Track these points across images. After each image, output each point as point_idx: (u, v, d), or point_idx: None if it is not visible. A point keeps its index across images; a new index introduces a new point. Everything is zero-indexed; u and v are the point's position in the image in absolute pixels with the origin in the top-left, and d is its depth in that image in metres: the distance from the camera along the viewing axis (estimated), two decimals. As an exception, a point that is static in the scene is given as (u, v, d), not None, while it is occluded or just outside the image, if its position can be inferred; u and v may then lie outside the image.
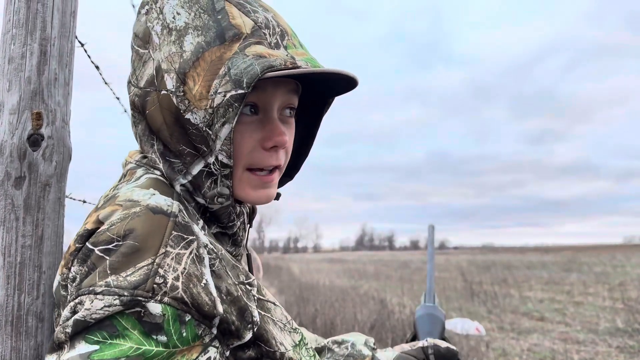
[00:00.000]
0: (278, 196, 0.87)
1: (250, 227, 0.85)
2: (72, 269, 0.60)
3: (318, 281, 14.00)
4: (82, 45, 1.13)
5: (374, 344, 1.01)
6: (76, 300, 0.56)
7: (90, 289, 0.55)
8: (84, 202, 1.26)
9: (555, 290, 11.85)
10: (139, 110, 0.72)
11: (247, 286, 0.69)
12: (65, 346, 0.55)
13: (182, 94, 0.65)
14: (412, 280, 15.00)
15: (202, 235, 0.64)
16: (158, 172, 0.71)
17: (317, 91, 0.82)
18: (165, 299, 0.55)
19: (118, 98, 1.52)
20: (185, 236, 0.61)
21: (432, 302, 1.28)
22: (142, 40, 0.71)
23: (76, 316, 0.54)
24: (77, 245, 0.61)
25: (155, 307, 0.54)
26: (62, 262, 0.63)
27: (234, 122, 0.63)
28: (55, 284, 0.65)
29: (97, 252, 0.58)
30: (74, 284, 0.59)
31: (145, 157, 0.74)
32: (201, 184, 0.69)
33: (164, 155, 0.70)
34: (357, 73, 0.70)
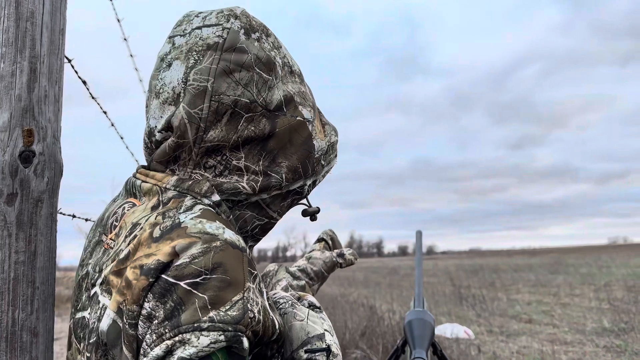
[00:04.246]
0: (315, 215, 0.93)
1: None
2: (146, 305, 0.56)
3: (307, 290, 13.91)
4: (69, 61, 1.14)
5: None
6: (176, 339, 0.54)
7: (195, 325, 0.53)
8: (73, 216, 1.26)
9: (542, 293, 11.94)
10: (262, 131, 0.72)
11: None
12: None
13: (312, 123, 0.78)
14: (401, 286, 15.02)
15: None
16: (206, 201, 0.69)
17: None
18: (248, 332, 0.56)
19: (105, 112, 1.53)
20: (252, 271, 0.62)
21: (421, 307, 1.30)
22: (266, 66, 0.73)
23: (182, 354, 0.53)
24: (150, 279, 0.57)
25: (245, 342, 0.56)
26: (121, 298, 0.59)
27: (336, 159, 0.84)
28: (108, 322, 0.60)
29: (184, 285, 0.56)
30: (158, 322, 0.55)
31: (181, 180, 0.71)
32: (284, 200, 0.78)
33: (268, 168, 0.73)
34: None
